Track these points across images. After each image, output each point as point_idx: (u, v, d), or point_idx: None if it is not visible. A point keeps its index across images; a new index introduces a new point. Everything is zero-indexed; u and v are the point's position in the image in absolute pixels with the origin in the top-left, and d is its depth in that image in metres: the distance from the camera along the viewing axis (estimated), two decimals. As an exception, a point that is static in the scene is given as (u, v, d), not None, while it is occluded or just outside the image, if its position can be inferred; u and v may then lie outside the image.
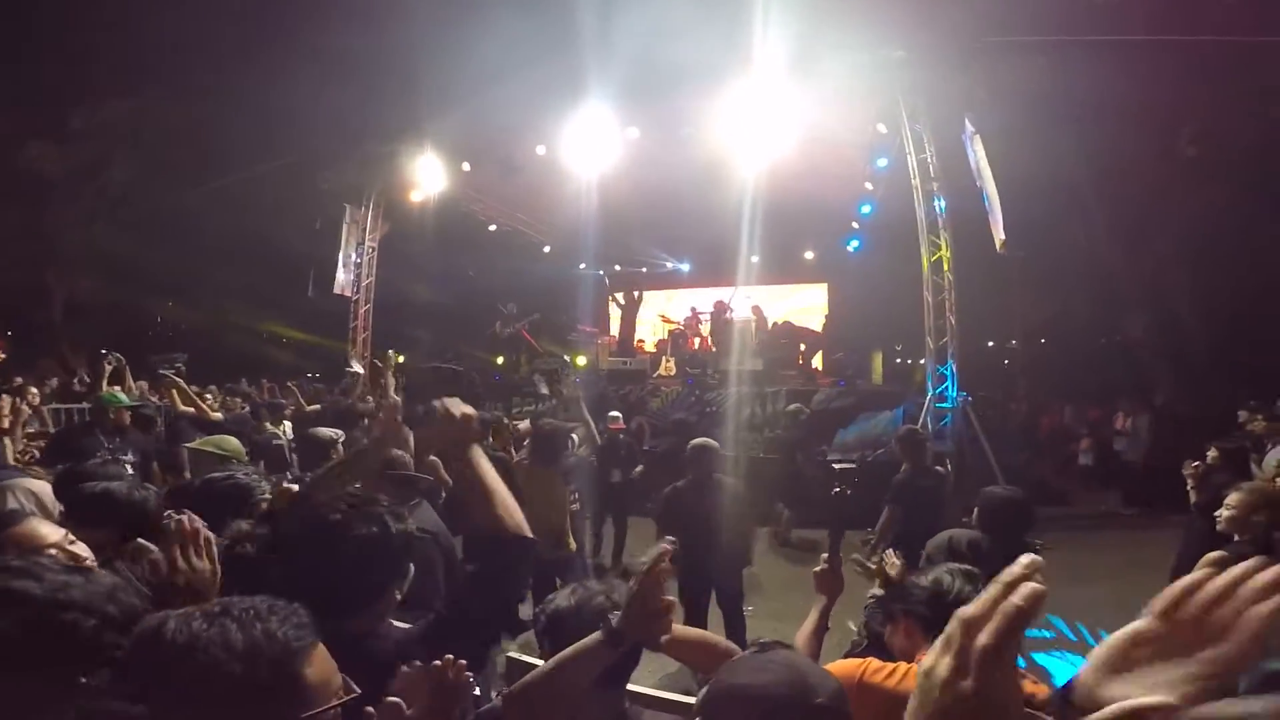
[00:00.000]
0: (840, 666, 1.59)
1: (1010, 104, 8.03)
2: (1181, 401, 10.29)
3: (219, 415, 5.50)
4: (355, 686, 1.17)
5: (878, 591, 2.36)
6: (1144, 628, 0.64)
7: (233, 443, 3.21)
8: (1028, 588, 0.56)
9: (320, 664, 0.93)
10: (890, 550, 2.37)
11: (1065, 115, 9.02)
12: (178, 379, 5.32)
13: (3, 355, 14.25)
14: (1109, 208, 10.98)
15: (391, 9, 11.78)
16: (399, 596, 1.33)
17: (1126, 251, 11.34)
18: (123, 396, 4.70)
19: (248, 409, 6.89)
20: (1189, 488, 4.26)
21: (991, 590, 0.56)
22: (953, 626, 0.57)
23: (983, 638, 0.55)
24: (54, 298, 17.05)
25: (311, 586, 1.18)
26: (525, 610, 4.79)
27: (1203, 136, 9.47)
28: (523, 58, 9.15)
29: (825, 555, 2.21)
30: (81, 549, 1.61)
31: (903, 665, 1.57)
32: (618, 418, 7.45)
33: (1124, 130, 9.55)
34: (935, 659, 0.57)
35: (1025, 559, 0.57)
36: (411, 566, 1.39)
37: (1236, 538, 2.71)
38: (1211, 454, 5.85)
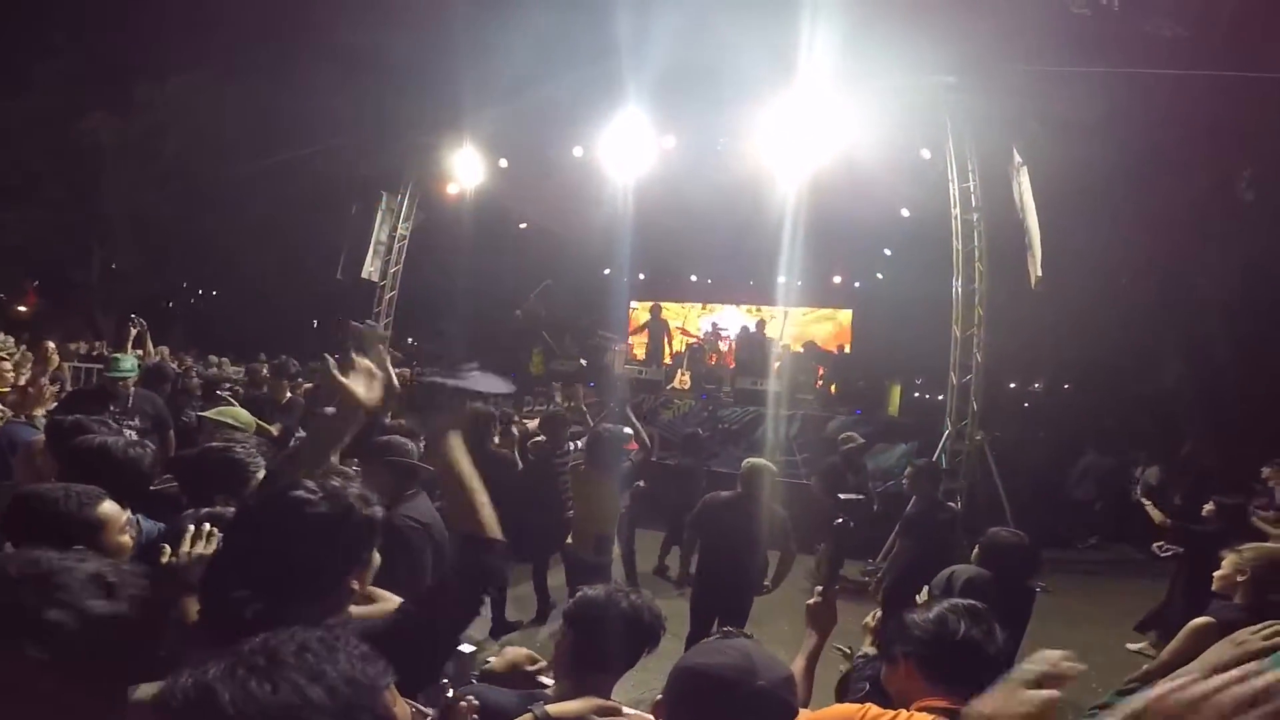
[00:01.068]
0: (838, 712, 1.55)
1: (1060, 137, 7.87)
2: (1206, 454, 10.01)
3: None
4: (425, 710, 1.22)
5: (869, 650, 2.25)
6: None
7: (245, 415, 3.23)
8: (1044, 694, 0.53)
9: (398, 698, 0.85)
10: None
11: (1115, 152, 8.81)
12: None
13: (24, 309, 14.71)
14: (1153, 249, 10.73)
15: (442, 4, 12.00)
16: (356, 586, 1.26)
17: (1165, 297, 11.07)
18: (128, 364, 4.56)
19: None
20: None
21: (1004, 689, 0.54)
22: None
23: None
24: (92, 260, 17.51)
25: (264, 567, 1.17)
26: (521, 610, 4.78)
27: (1259, 180, 9.18)
28: (566, 59, 9.25)
29: (819, 588, 2.06)
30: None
31: (904, 714, 1.48)
32: (630, 436, 7.13)
33: (1174, 171, 9.31)
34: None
35: (1043, 655, 0.55)
36: (377, 556, 1.32)
37: (1236, 599, 2.61)
38: (1208, 507, 5.74)
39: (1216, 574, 2.65)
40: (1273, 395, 10.57)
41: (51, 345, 4.71)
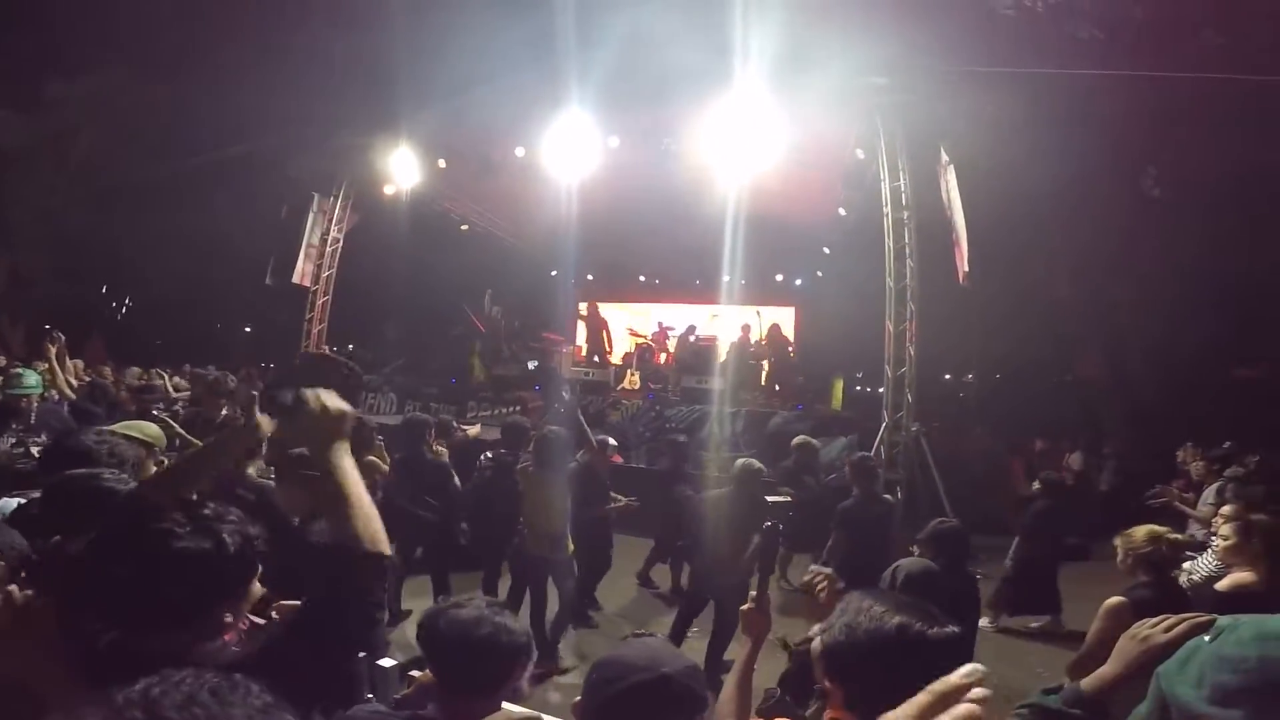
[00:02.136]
0: None
1: (984, 136, 8.18)
2: (1126, 441, 10.62)
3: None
4: None
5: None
6: None
7: (154, 429, 3.00)
8: (961, 710, 0.49)
9: None
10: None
11: (1036, 150, 9.21)
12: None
13: None
14: (1073, 246, 11.28)
15: (376, 2, 11.63)
16: (229, 619, 1.20)
17: (1085, 291, 11.65)
18: (32, 380, 4.24)
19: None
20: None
21: (921, 699, 0.51)
22: None
23: None
24: None
25: (125, 597, 1.13)
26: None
27: (1166, 178, 9.73)
28: (506, 58, 9.10)
29: (753, 594, 1.97)
30: None
31: None
32: (615, 448, 6.40)
33: (1092, 168, 9.77)
34: None
35: (965, 669, 0.51)
36: (256, 587, 1.27)
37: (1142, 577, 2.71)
38: (1035, 484, 6.20)
39: (1118, 556, 2.77)
40: (1184, 382, 11.29)
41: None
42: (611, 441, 5.71)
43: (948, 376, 18.34)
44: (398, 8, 11.09)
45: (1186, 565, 3.35)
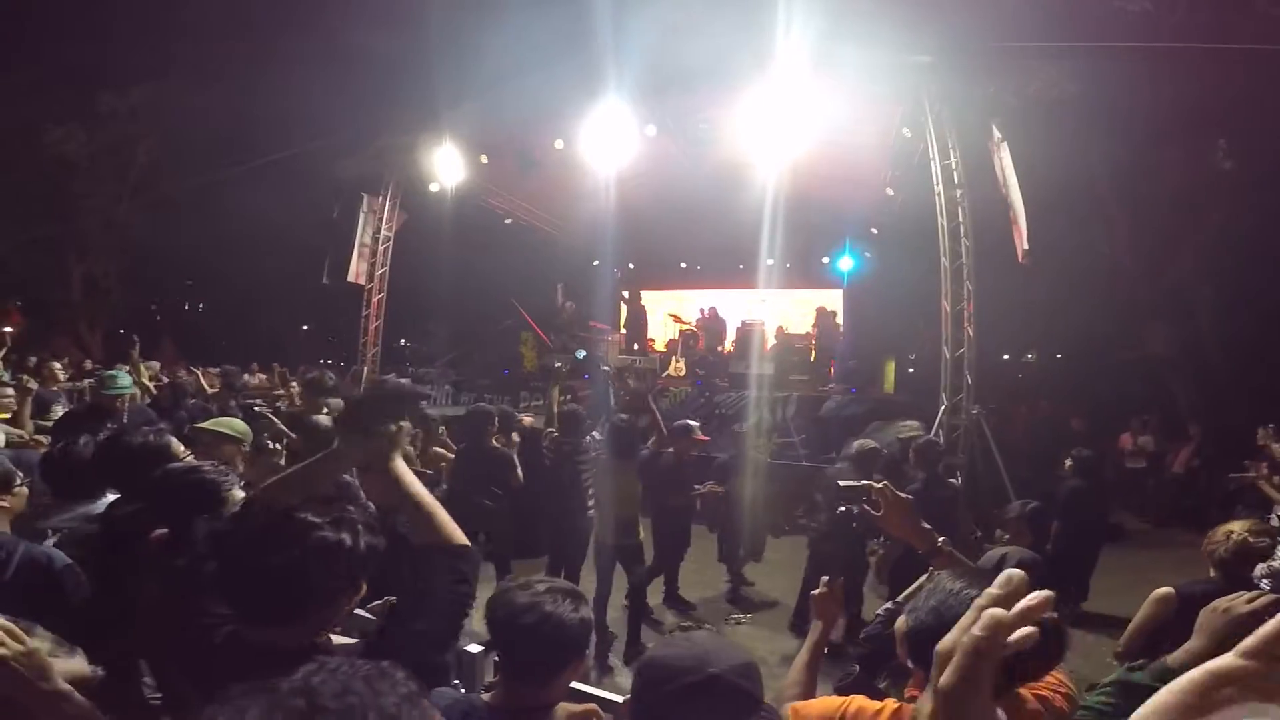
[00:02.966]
0: (820, 705, 1.51)
1: (1038, 111, 7.88)
2: (1200, 419, 10.10)
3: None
4: None
5: (890, 605, 2.27)
6: (1230, 665, 0.53)
7: (241, 425, 3.15)
8: (988, 616, 0.50)
9: None
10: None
11: (1093, 124, 8.83)
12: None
13: (11, 329, 14.53)
14: (1134, 220, 10.77)
15: (411, 3, 11.83)
16: (347, 610, 1.26)
17: (1150, 265, 11.11)
18: (124, 381, 4.49)
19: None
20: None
21: (967, 616, 0.51)
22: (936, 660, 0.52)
23: (945, 677, 0.50)
24: (72, 276, 17.30)
25: (257, 589, 1.17)
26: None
27: (1236, 148, 9.22)
28: (543, 51, 9.13)
29: (826, 578, 2.00)
30: None
31: (890, 704, 1.44)
32: (698, 428, 5.61)
33: (1153, 141, 9.33)
34: (925, 697, 0.52)
35: (1005, 576, 0.52)
36: (363, 584, 1.31)
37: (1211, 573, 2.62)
38: (1068, 463, 5.89)
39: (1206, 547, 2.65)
40: (1256, 357, 10.68)
41: (58, 365, 4.66)
42: (692, 423, 5.44)
43: (1006, 357, 17.77)
44: (436, 5, 11.27)
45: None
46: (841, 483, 1.98)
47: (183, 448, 2.54)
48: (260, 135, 14.45)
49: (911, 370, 14.73)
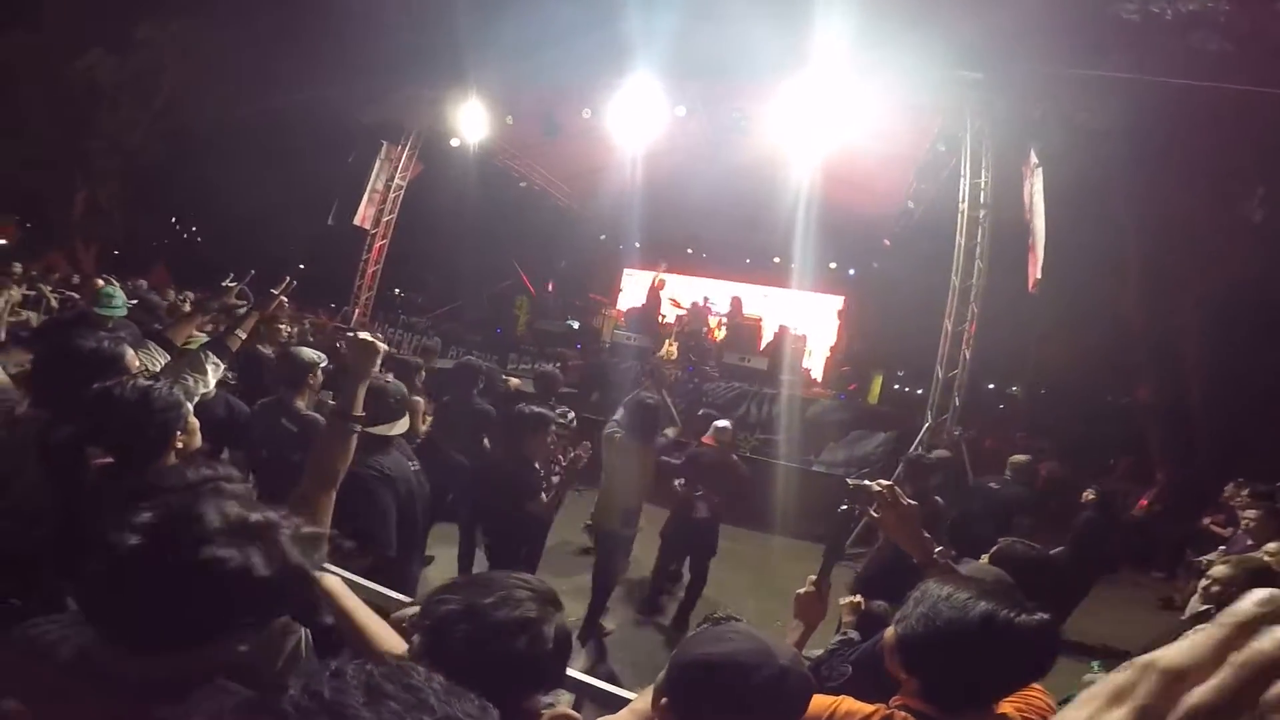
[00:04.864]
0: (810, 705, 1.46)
1: (1078, 141, 7.81)
2: (1168, 468, 10.31)
3: None
4: None
5: (853, 634, 2.17)
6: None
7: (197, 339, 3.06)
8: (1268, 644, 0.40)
9: None
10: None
11: (1129, 162, 8.73)
12: None
13: (4, 241, 14.44)
14: (1145, 266, 10.79)
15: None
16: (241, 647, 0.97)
17: (1150, 314, 11.20)
18: (119, 301, 4.36)
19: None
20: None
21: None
22: (1135, 675, 0.43)
23: (1199, 694, 0.40)
24: (77, 196, 17.21)
25: (110, 601, 0.91)
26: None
27: (1269, 200, 9.12)
28: (582, 18, 9.01)
29: (813, 577, 1.92)
30: None
31: (881, 709, 1.37)
32: (729, 430, 5.13)
33: (1182, 187, 9.27)
34: (1094, 713, 0.43)
35: (1260, 594, 0.43)
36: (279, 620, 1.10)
37: (1191, 604, 2.71)
38: (1088, 494, 6.09)
39: (1214, 589, 2.65)
40: (1241, 420, 10.85)
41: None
42: (722, 424, 4.97)
43: (991, 385, 17.95)
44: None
45: None
46: (850, 481, 1.96)
47: (137, 361, 2.30)
48: (288, 75, 14.26)
49: (896, 386, 14.89)
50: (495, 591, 1.14)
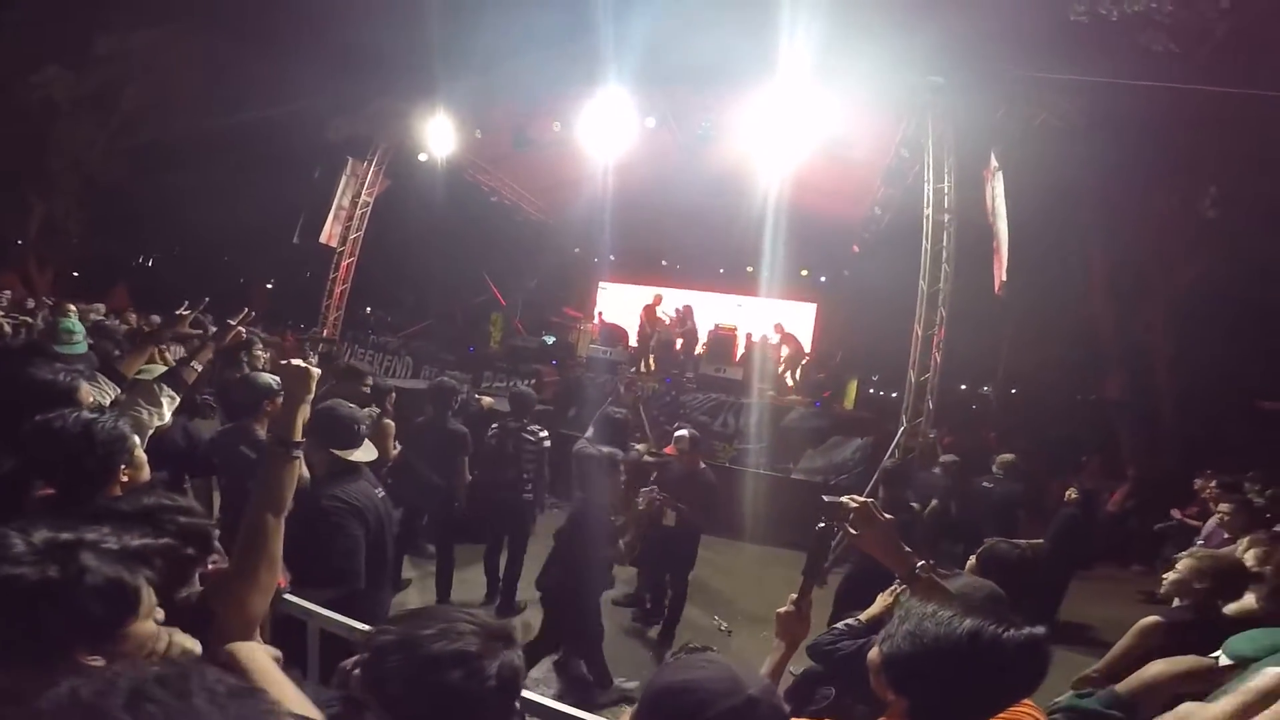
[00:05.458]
0: None
1: (1038, 143, 7.94)
2: (1142, 466, 10.49)
3: None
4: None
5: (852, 621, 2.18)
6: None
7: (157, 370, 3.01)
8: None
9: None
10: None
11: (1092, 162, 8.92)
12: None
13: None
14: (1113, 265, 11.02)
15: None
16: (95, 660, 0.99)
17: (1119, 313, 11.42)
18: (80, 341, 3.94)
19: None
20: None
21: (1236, 700, 0.44)
22: None
23: None
24: (31, 215, 16.69)
25: None
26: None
27: (1223, 199, 9.39)
28: (549, 31, 8.99)
29: (794, 595, 1.87)
30: None
31: None
32: (687, 438, 4.86)
33: (1145, 186, 9.48)
34: None
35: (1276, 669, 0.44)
36: (146, 626, 1.08)
37: (1176, 602, 2.72)
38: (1071, 493, 6.21)
39: (1170, 578, 2.73)
40: (1207, 412, 11.12)
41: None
42: (681, 432, 4.87)
43: (964, 386, 18.19)
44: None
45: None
46: (825, 497, 1.91)
47: (91, 396, 2.31)
48: (249, 91, 14.04)
49: (872, 390, 15.01)
50: (436, 624, 1.11)
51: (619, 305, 14.93)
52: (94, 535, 1.05)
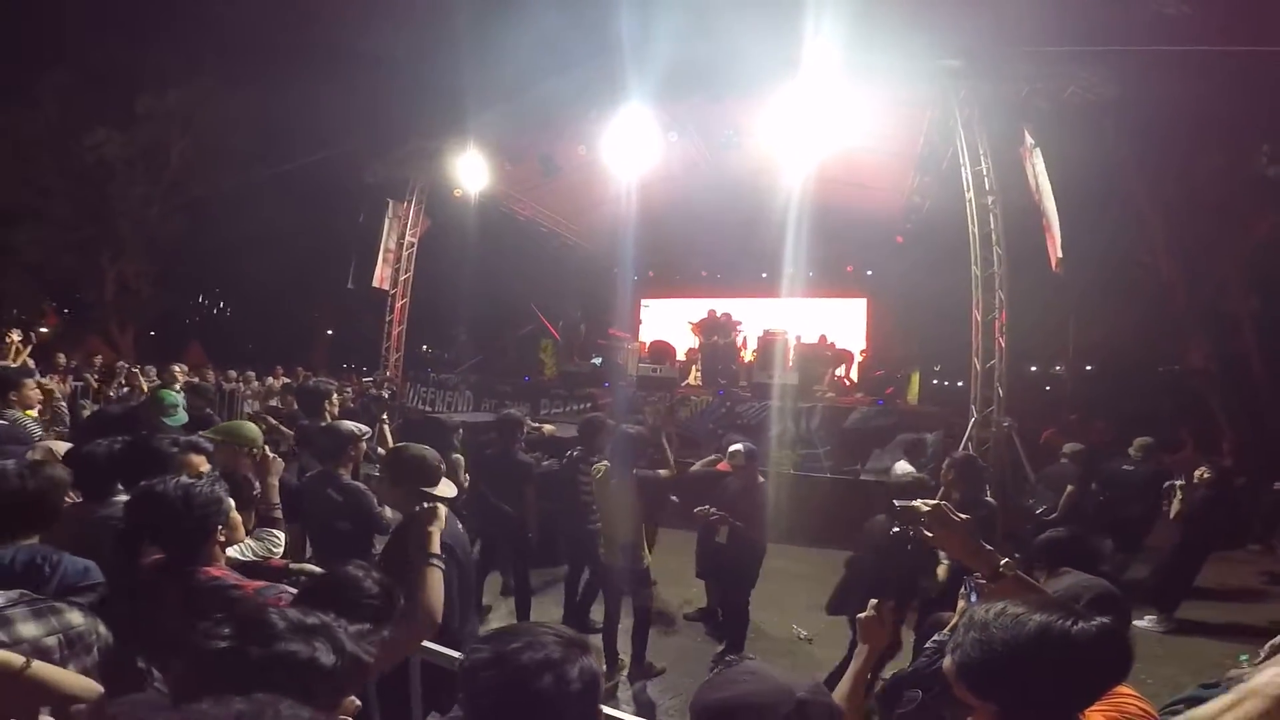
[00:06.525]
0: None
1: (1072, 116, 7.68)
2: (1239, 434, 9.80)
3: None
4: None
5: (940, 637, 2.13)
6: None
7: (249, 429, 3.09)
8: None
9: None
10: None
11: (1131, 129, 8.64)
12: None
13: (47, 330, 14.90)
14: (1171, 228, 10.50)
15: (439, 9, 11.96)
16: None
17: (1189, 275, 10.82)
18: (180, 412, 4.07)
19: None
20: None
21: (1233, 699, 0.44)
22: None
23: None
24: (105, 278, 17.66)
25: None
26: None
27: (1278, 156, 8.98)
28: (567, 57, 9.18)
29: (874, 602, 1.87)
30: None
31: None
32: (742, 452, 4.69)
33: (1193, 147, 9.12)
34: None
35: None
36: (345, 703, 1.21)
37: None
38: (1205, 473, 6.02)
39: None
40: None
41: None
42: (735, 447, 4.73)
43: (1034, 369, 17.43)
44: (461, 13, 11.37)
45: None
46: (897, 502, 1.86)
47: (206, 464, 2.53)
48: (289, 140, 14.74)
49: (935, 382, 14.50)
50: (522, 638, 1.18)
51: (664, 321, 14.89)
52: (330, 619, 1.21)
